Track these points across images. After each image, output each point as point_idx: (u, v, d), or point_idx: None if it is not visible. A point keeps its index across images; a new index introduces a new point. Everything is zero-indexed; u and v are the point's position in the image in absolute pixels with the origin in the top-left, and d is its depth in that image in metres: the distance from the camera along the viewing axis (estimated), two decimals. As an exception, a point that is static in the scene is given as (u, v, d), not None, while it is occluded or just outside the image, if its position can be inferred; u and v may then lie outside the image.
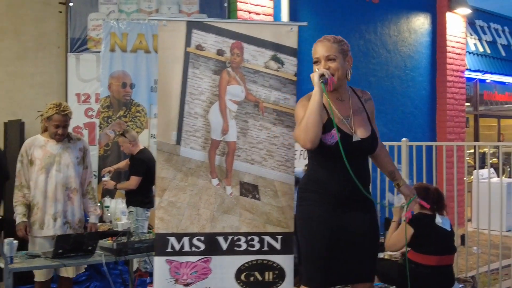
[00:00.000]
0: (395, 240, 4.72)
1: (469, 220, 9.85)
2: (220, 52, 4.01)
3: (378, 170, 3.53)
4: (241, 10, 7.99)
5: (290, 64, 4.06)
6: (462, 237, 7.50)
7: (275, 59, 4.03)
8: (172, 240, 3.97)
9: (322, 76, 3.02)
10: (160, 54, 3.98)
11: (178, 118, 3.99)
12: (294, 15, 8.56)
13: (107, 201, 6.72)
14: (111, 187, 6.59)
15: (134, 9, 8.09)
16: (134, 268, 6.04)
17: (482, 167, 11.30)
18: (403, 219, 4.80)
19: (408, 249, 4.77)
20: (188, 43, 3.99)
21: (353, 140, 3.07)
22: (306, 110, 2.98)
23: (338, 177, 3.07)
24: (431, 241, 4.65)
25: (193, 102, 4.00)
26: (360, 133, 3.12)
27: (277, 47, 4.04)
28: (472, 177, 10.42)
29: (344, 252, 3.11)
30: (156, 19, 4.22)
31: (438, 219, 4.71)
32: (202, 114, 4.02)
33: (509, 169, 12.58)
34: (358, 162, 3.10)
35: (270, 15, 8.28)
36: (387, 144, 6.76)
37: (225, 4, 8.04)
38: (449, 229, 4.79)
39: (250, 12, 8.03)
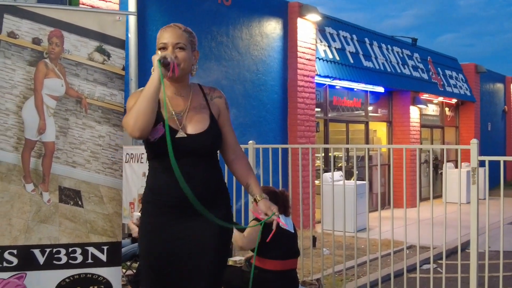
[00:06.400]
0: (253, 233, 4.46)
1: (319, 222, 10.03)
2: (36, 41, 3.56)
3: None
4: (83, 4, 7.47)
5: (118, 57, 3.70)
6: (314, 239, 7.53)
7: (100, 50, 3.65)
8: (-21, 255, 3.46)
9: (164, 59, 2.68)
10: (-36, 41, 3.46)
11: (-14, 115, 3.48)
12: (142, 12, 8.17)
13: None
14: None
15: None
16: None
17: (327, 171, 11.59)
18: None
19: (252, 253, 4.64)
20: (-2, 29, 3.50)
21: (176, 136, 2.73)
22: (134, 102, 2.71)
23: (167, 181, 2.73)
24: (276, 245, 4.54)
25: (3, 97, 3.51)
26: (190, 130, 2.78)
27: (103, 38, 3.67)
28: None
29: (181, 271, 2.78)
30: (-42, 0, 3.67)
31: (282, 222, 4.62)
32: (15, 111, 3.55)
33: (357, 172, 13.04)
34: (193, 162, 2.76)
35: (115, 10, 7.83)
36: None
37: (66, -3, 7.49)
38: (293, 231, 4.72)
39: (93, 7, 7.53)
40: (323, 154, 12.16)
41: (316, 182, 11.16)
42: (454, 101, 17.71)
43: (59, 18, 3.60)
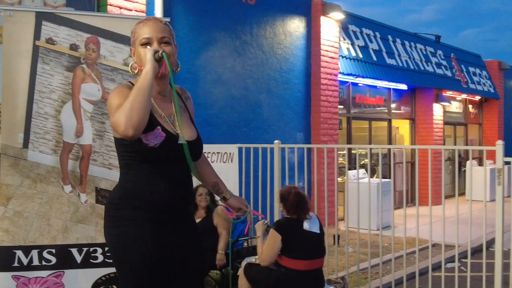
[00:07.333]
0: (269, 251, 4.62)
1: (342, 219, 10.08)
2: (73, 47, 3.69)
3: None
4: (111, 5, 7.59)
5: (152, 62, 3.81)
6: (335, 238, 7.58)
7: (135, 56, 3.75)
8: (19, 253, 3.60)
9: (156, 53, 2.50)
10: (5, 48, 3.60)
11: (26, 118, 3.62)
12: (168, 13, 8.28)
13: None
14: None
15: (-6, 0, 7.45)
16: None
17: (354, 168, 11.63)
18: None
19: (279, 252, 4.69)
20: (37, 36, 3.64)
21: (178, 142, 2.58)
22: (125, 97, 2.40)
23: (162, 187, 2.56)
24: (299, 246, 4.62)
25: (42, 101, 3.65)
26: (186, 135, 2.64)
27: (137, 43, 3.77)
28: (345, 177, 10.68)
29: (173, 280, 2.63)
30: (0, 8, 3.80)
31: (306, 225, 4.67)
32: (53, 115, 3.68)
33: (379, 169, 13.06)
34: (182, 168, 2.62)
35: (142, 11, 7.95)
36: (260, 146, 6.71)
37: (94, -2, 7.61)
38: (318, 232, 4.75)
39: (121, 8, 7.65)
40: (345, 152, 12.19)
41: (339, 179, 11.21)
42: (477, 98, 17.59)
43: (95, 25, 3.72)
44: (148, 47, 2.55)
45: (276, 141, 6.52)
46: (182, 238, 2.65)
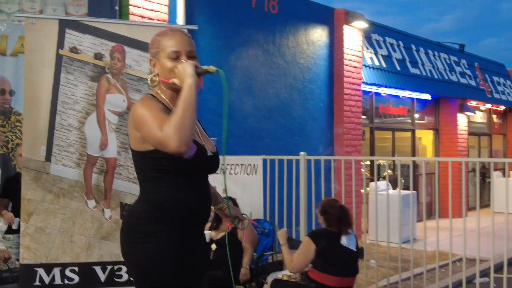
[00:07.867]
0: (300, 259, 4.49)
1: (366, 231, 9.86)
2: (98, 56, 3.55)
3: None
4: (133, 14, 7.49)
5: (179, 72, 3.65)
6: (361, 250, 7.39)
7: (161, 65, 3.61)
8: (41, 271, 3.46)
9: (196, 68, 2.48)
10: (27, 57, 3.47)
11: (48, 130, 3.49)
12: (190, 22, 8.17)
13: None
14: None
15: (15, 9, 7.38)
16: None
17: (377, 179, 11.41)
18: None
19: (310, 265, 4.54)
20: (60, 44, 3.51)
21: (208, 155, 2.59)
22: (158, 111, 2.41)
23: (193, 198, 2.54)
24: (334, 260, 4.48)
25: (66, 113, 3.51)
26: (210, 147, 2.66)
27: (164, 52, 3.62)
28: (368, 188, 10.47)
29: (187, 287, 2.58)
30: (23, 16, 3.68)
31: (344, 240, 4.52)
32: (77, 126, 3.54)
33: (403, 181, 12.83)
34: (205, 180, 2.66)
35: (164, 21, 7.84)
36: (285, 157, 6.53)
37: (116, 7, 7.51)
38: (354, 249, 4.62)
39: (143, 17, 7.55)
40: (368, 162, 11.98)
41: (361, 191, 11.00)
42: (502, 108, 17.29)
43: (121, 33, 3.58)
44: (183, 60, 2.53)
45: (301, 153, 6.35)
46: (200, 245, 2.65)
